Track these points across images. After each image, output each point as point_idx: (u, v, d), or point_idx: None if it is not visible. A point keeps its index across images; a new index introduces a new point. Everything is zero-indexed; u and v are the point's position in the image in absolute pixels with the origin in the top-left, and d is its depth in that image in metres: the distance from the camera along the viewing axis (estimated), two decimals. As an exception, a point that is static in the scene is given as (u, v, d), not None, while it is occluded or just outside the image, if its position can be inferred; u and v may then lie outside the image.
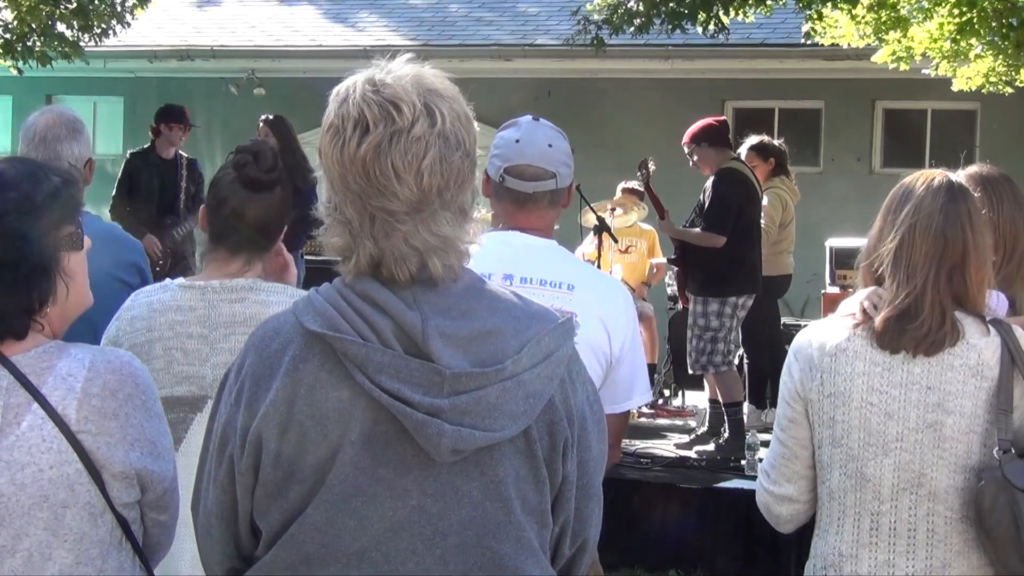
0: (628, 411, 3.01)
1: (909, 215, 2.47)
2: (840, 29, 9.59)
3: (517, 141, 2.85)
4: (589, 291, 2.85)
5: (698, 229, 6.96)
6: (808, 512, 2.61)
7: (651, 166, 7.45)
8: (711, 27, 9.44)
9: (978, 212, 2.49)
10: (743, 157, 7.62)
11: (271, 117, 7.96)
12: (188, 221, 8.07)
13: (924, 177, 2.53)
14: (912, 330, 2.41)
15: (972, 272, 2.43)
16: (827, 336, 2.52)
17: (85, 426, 1.99)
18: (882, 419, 2.44)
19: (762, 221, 7.30)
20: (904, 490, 2.43)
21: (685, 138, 7.09)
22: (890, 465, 2.43)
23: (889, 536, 2.44)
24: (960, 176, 2.89)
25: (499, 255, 2.80)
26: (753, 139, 7.93)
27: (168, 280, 2.91)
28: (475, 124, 1.77)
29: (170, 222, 8.13)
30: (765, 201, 7.39)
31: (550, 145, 2.86)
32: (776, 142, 8.13)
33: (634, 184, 9.07)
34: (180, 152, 8.46)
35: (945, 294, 2.42)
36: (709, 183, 6.97)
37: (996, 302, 2.61)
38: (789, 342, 8.76)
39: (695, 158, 7.06)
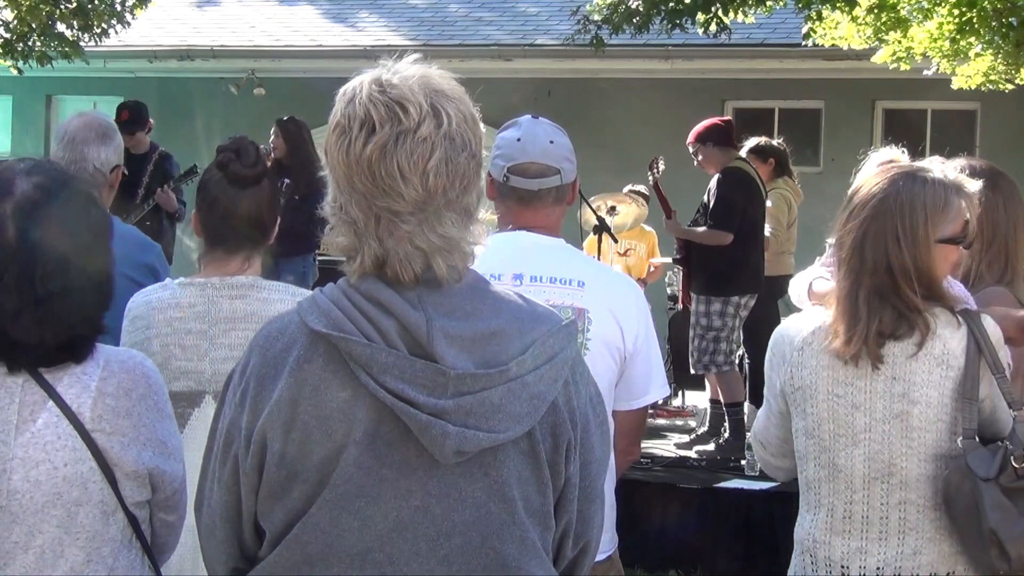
0: (646, 407, 2.98)
1: (842, 222, 2.53)
2: (840, 31, 9.58)
3: (519, 140, 2.84)
4: (600, 287, 2.84)
5: (703, 228, 6.95)
6: None
7: (660, 165, 7.45)
8: (712, 27, 9.43)
9: (913, 223, 2.45)
10: None
11: (284, 118, 7.91)
12: (133, 215, 7.86)
13: (870, 183, 2.53)
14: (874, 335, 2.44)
15: (902, 284, 2.44)
16: (795, 330, 2.56)
17: (99, 424, 1.99)
18: (849, 410, 2.47)
19: (768, 226, 7.29)
20: (875, 479, 2.46)
21: (690, 137, 7.08)
22: (860, 455, 2.46)
23: (862, 524, 2.47)
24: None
25: (508, 255, 2.80)
26: (751, 141, 7.91)
27: (168, 279, 2.94)
28: (481, 125, 1.78)
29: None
30: (769, 203, 7.37)
31: (552, 142, 2.86)
32: (775, 142, 8.10)
33: (640, 188, 9.06)
34: (155, 145, 8.28)
35: (874, 295, 2.44)
36: (713, 182, 6.97)
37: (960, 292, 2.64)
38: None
39: (700, 157, 7.05)
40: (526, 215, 2.86)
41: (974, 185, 2.54)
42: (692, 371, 7.31)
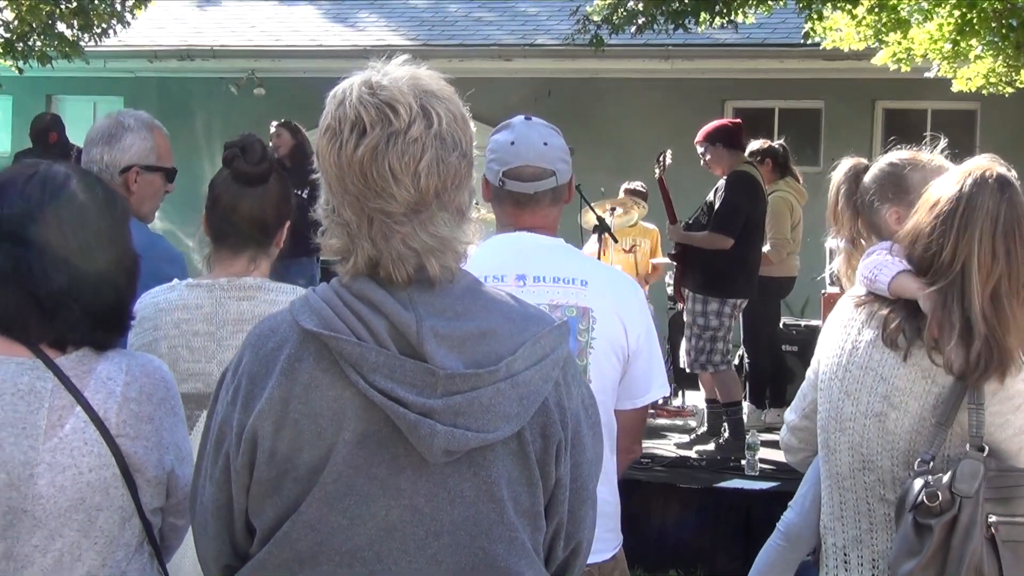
0: (647, 406, 2.96)
1: (929, 233, 2.37)
2: (841, 32, 9.58)
3: (512, 143, 2.82)
4: (602, 286, 2.83)
5: (705, 232, 6.94)
6: None
7: (668, 159, 7.42)
8: (716, 21, 9.42)
9: (1014, 235, 2.33)
10: None
11: (283, 120, 7.94)
12: None
13: (955, 193, 2.37)
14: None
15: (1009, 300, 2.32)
16: (840, 305, 2.55)
17: (124, 430, 2.01)
18: (841, 397, 2.47)
19: (768, 235, 7.27)
20: (858, 470, 2.44)
21: (699, 137, 7.07)
22: (845, 443, 2.46)
23: (854, 514, 2.47)
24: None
25: (509, 256, 2.79)
26: (752, 145, 7.87)
27: (176, 280, 2.92)
28: (471, 124, 1.78)
29: None
30: (769, 212, 7.33)
31: (545, 143, 2.83)
32: (775, 144, 8.06)
33: (636, 185, 9.05)
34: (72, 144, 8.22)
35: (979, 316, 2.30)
36: (721, 183, 6.96)
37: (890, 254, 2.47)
38: (789, 342, 8.73)
39: (707, 157, 7.04)
40: (523, 217, 2.85)
41: None
42: (688, 370, 7.31)
